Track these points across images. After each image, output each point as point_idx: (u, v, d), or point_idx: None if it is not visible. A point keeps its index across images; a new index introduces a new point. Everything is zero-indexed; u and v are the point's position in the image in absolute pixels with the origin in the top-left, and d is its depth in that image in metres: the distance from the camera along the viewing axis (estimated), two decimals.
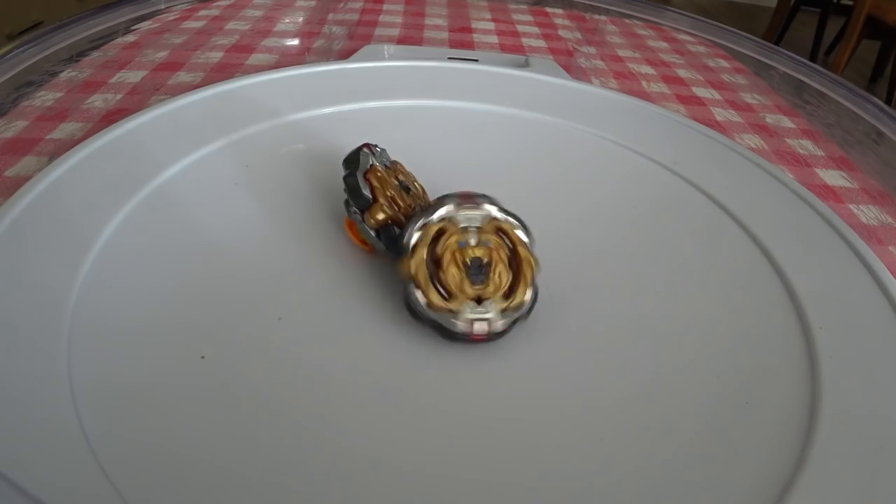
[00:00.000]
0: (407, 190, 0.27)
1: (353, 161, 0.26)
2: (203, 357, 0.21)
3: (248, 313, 0.23)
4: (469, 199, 0.23)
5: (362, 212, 0.25)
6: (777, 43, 2.93)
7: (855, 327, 0.25)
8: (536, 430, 0.20)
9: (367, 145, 0.27)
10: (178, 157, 0.30)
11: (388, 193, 0.25)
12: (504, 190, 0.31)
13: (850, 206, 0.35)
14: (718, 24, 0.46)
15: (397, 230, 0.25)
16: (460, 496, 0.18)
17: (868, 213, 0.34)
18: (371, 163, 0.26)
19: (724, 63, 0.53)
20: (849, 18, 2.29)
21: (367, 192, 0.25)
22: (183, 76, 0.41)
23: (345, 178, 0.25)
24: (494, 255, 0.22)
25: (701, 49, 0.55)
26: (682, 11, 0.49)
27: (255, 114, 0.34)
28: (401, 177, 0.27)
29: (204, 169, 0.30)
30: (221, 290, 0.24)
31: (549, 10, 0.62)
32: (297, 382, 0.21)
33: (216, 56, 0.45)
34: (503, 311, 0.22)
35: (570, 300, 0.25)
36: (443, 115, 0.37)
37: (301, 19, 0.53)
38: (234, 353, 0.22)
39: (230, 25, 0.51)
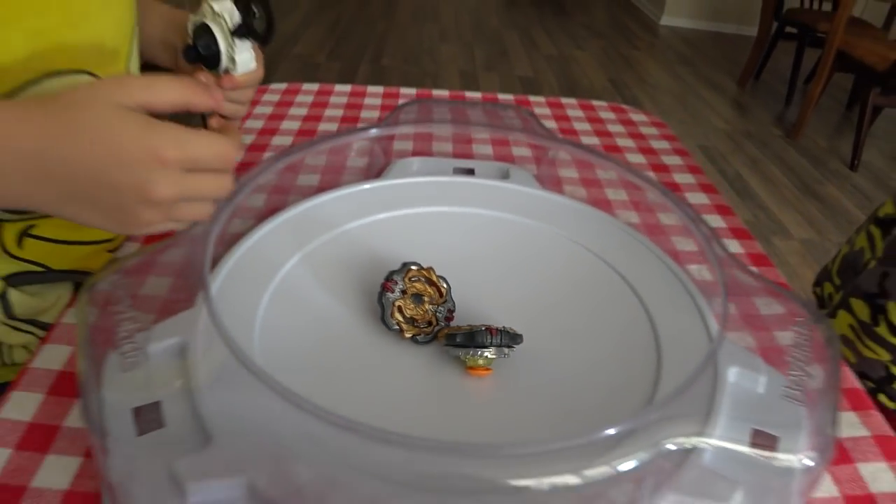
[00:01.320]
0: (420, 300, 0.44)
1: (380, 304, 0.43)
2: None
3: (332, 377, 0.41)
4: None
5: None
6: (759, 71, 3.11)
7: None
8: (516, 423, 0.38)
9: (386, 284, 0.43)
10: (286, 258, 0.48)
11: (409, 316, 0.43)
12: (480, 275, 0.49)
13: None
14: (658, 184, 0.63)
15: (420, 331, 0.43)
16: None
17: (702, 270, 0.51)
18: (392, 302, 0.42)
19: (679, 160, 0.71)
20: (822, 53, 2.47)
21: (395, 328, 0.42)
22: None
23: (382, 320, 0.43)
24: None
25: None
26: (624, 164, 0.67)
27: (321, 226, 0.52)
28: (413, 290, 0.43)
29: (299, 270, 0.48)
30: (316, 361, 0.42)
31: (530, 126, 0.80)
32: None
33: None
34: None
35: (533, 348, 0.43)
36: (445, 219, 0.55)
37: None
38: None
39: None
